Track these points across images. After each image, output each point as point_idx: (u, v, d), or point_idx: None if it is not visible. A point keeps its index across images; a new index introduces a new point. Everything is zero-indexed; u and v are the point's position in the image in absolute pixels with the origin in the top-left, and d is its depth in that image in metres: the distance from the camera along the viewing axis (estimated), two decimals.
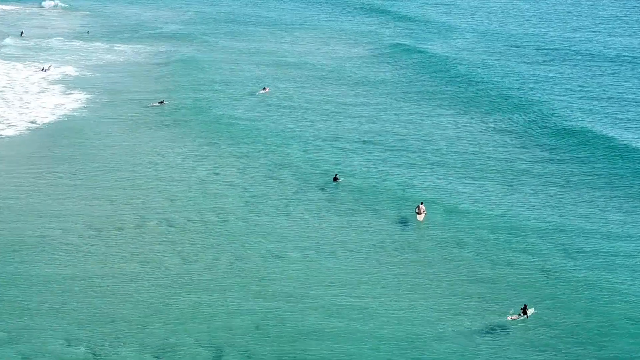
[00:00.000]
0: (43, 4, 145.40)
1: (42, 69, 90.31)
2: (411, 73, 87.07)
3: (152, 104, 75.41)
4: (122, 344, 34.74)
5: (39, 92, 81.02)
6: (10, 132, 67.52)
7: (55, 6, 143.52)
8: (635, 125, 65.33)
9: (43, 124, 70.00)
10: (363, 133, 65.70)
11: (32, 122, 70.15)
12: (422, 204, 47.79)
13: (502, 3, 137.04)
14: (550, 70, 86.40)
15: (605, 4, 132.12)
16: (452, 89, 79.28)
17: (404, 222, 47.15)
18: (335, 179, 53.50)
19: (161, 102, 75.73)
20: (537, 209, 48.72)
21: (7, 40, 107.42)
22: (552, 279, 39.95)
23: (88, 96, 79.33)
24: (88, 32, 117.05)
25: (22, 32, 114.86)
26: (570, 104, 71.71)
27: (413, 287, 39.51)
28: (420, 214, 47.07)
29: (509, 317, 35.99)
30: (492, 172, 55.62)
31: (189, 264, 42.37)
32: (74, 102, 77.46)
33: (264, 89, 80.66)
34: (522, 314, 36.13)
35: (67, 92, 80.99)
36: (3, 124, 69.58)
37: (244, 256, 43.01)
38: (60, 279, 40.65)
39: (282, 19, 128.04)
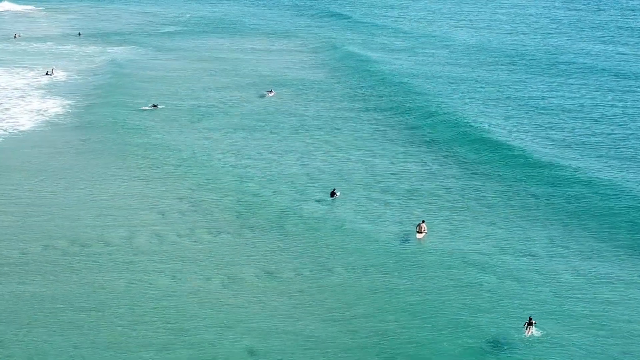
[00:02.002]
0: None
1: (47, 73, 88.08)
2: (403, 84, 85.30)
3: (143, 108, 73.53)
4: None
5: (21, 97, 78.30)
6: None
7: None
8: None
9: (22, 131, 67.34)
10: (361, 143, 63.81)
11: (12, 129, 67.50)
12: (423, 222, 45.75)
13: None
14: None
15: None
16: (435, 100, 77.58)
17: (404, 240, 45.09)
18: (332, 194, 51.47)
19: (154, 106, 73.77)
20: (544, 224, 46.95)
21: None
22: (562, 297, 38.35)
23: (75, 101, 77.06)
24: (80, 34, 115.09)
25: (15, 35, 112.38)
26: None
27: (416, 307, 37.51)
28: (421, 232, 45.03)
29: (527, 333, 34.70)
30: (496, 184, 53.73)
31: (179, 284, 40.07)
32: (58, 107, 75.01)
33: (270, 91, 79.30)
34: (529, 326, 35.01)
35: (52, 97, 78.45)
36: None
37: (237, 275, 40.79)
38: (40, 301, 38.13)
39: (278, 27, 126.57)
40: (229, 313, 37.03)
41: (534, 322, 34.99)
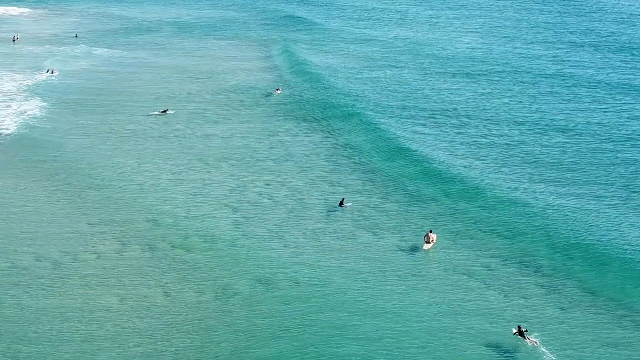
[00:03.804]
0: None
1: (48, 71, 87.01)
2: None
3: (152, 113, 71.58)
4: None
5: (5, 101, 75.92)
6: None
7: None
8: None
9: (8, 134, 65.03)
10: (361, 148, 62.11)
11: None
12: (431, 231, 44.12)
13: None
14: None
15: None
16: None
17: (411, 249, 43.41)
18: (341, 203, 49.45)
19: (164, 112, 71.89)
20: (550, 232, 45.26)
21: None
22: (568, 311, 37.09)
23: (68, 104, 74.97)
24: (76, 36, 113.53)
25: (14, 37, 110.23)
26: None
27: (418, 317, 36.22)
28: (429, 242, 43.29)
29: (534, 341, 33.92)
30: (496, 190, 51.74)
31: (172, 298, 38.43)
32: (47, 110, 72.43)
33: (278, 89, 78.86)
34: (521, 334, 34.57)
35: (42, 100, 75.75)
36: None
37: (232, 286, 39.21)
38: (29, 316, 36.46)
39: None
40: (220, 325, 35.51)
41: (524, 330, 34.38)
